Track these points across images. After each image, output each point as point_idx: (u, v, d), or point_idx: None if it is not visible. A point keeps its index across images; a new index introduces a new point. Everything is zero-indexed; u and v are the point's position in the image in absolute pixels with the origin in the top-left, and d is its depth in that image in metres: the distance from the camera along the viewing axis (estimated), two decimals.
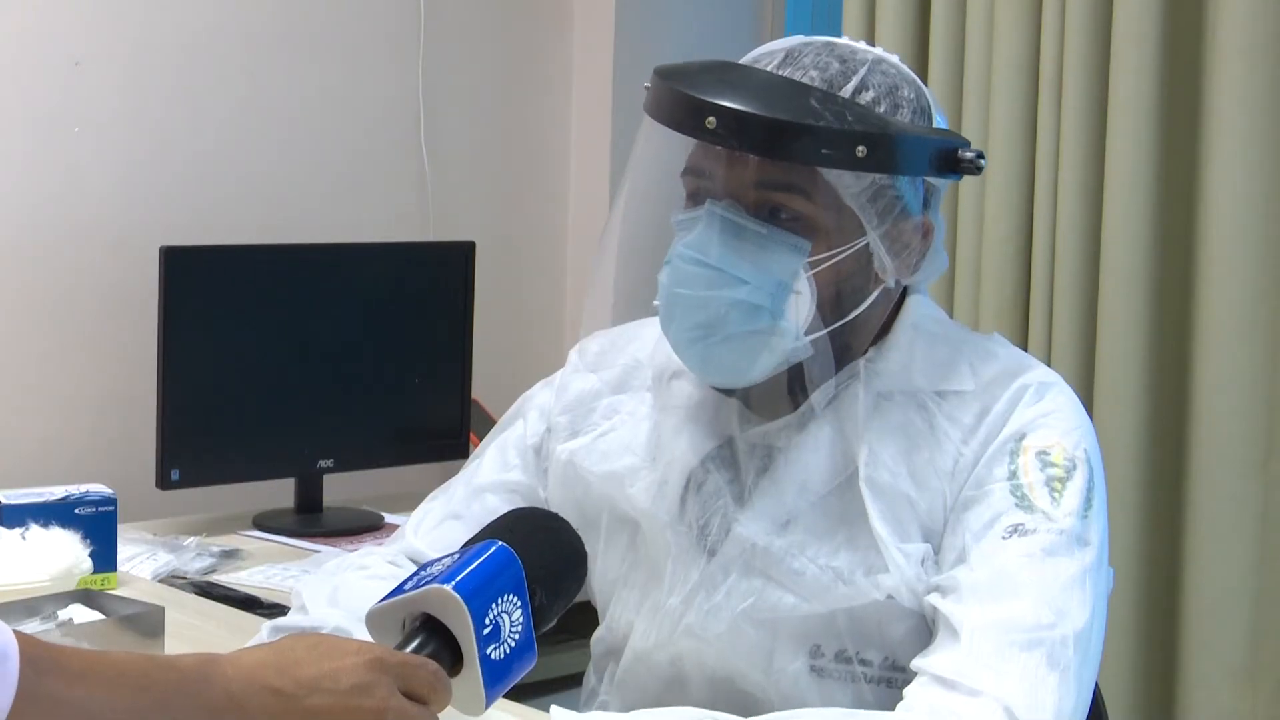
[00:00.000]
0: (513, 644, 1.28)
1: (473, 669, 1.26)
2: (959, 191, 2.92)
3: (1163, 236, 2.68)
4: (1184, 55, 2.66)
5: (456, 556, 1.30)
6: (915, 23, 3.00)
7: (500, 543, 1.31)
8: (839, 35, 1.71)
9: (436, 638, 1.26)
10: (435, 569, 1.29)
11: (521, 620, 1.29)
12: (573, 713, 1.49)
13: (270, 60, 3.01)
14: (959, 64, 2.93)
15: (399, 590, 1.28)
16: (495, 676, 1.27)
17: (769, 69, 1.58)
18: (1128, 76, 2.66)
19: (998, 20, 2.84)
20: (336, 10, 3.08)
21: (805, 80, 1.55)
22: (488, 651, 1.26)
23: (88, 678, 1.16)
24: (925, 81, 2.95)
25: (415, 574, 1.30)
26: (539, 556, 1.34)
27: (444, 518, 1.77)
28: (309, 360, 2.84)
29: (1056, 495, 1.52)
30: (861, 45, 1.62)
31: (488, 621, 1.26)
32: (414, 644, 1.26)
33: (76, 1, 2.79)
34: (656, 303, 1.58)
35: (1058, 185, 2.76)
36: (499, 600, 1.27)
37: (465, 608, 1.25)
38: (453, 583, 1.25)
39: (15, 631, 1.13)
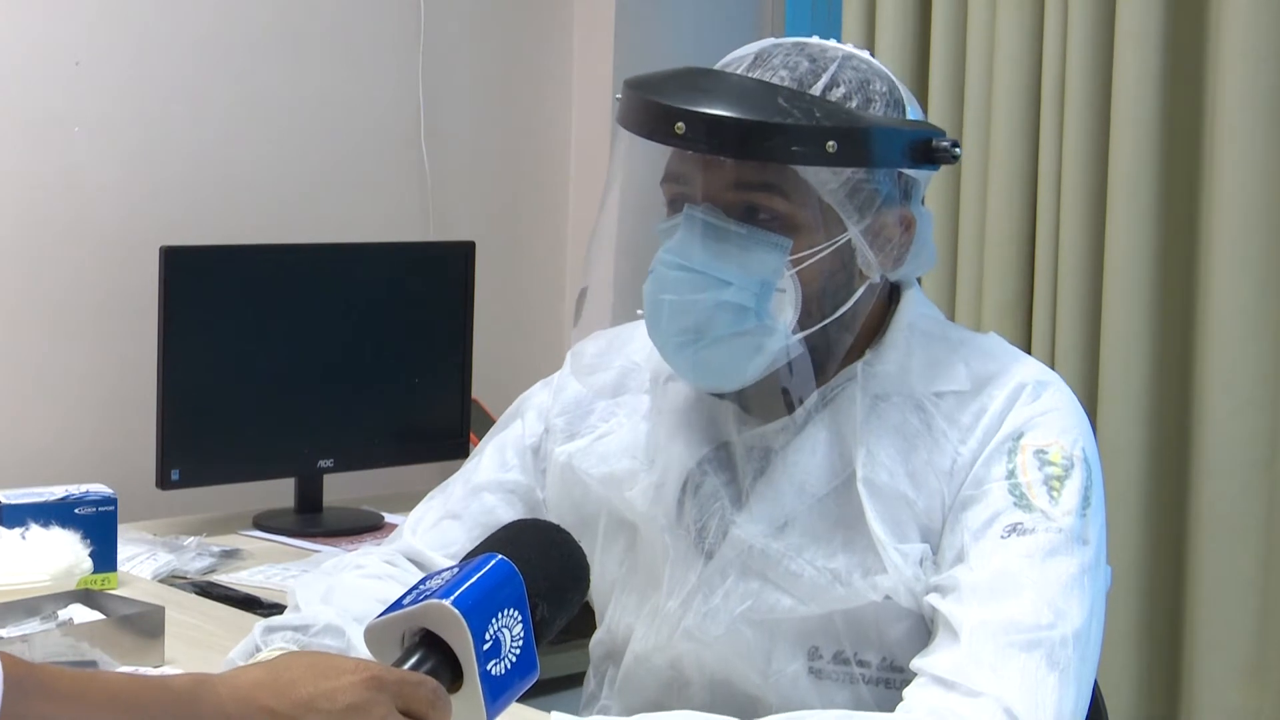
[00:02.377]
0: (514, 659, 1.25)
1: (473, 686, 1.23)
2: (961, 192, 2.92)
3: (1166, 236, 2.68)
4: (1186, 55, 2.66)
5: (456, 570, 1.27)
6: (916, 24, 3.00)
7: (500, 556, 1.28)
8: (839, 37, 1.71)
9: (436, 654, 1.24)
10: (434, 583, 1.26)
11: (522, 635, 1.26)
12: (573, 718, 1.49)
13: (270, 60, 3.01)
14: (960, 64, 2.93)
15: (397, 605, 1.26)
16: (496, 693, 1.24)
17: (739, 73, 1.58)
18: (1130, 76, 2.66)
19: (999, 21, 2.84)
20: (336, 10, 3.08)
21: (775, 80, 1.55)
22: (488, 667, 1.23)
23: (75, 700, 1.14)
24: (925, 83, 2.98)
25: (414, 588, 1.27)
26: (541, 569, 1.31)
27: (442, 517, 1.77)
28: (309, 360, 2.84)
29: (1055, 494, 1.52)
30: (832, 43, 1.62)
31: (488, 637, 1.23)
32: (412, 660, 1.24)
33: (76, 1, 2.79)
34: (642, 312, 1.57)
35: (1060, 185, 2.77)
36: (499, 615, 1.25)
37: (465, 623, 1.22)
38: (452, 597, 1.23)
39: (1, 653, 1.11)
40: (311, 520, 2.85)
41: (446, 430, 3.00)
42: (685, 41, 3.35)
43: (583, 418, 1.73)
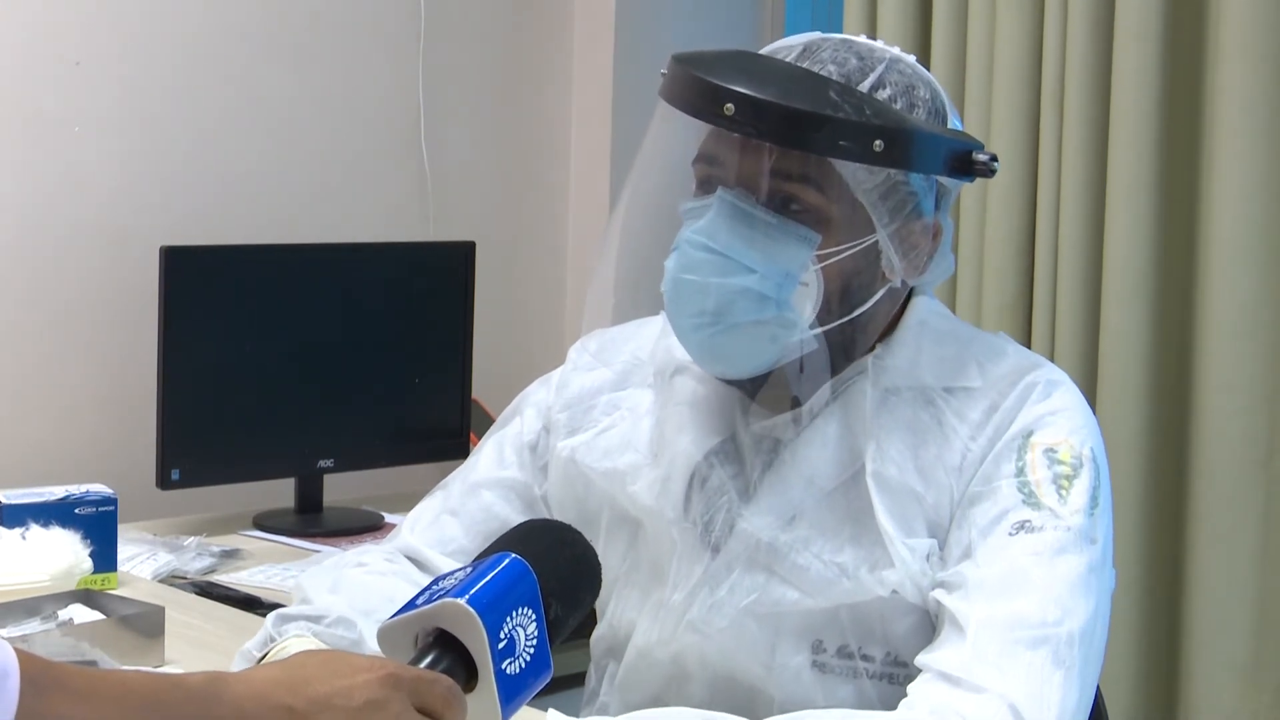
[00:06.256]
0: (528, 658, 1.25)
1: (488, 684, 1.23)
2: (961, 191, 2.91)
3: (1165, 235, 2.68)
4: (1186, 54, 2.66)
5: (469, 570, 1.27)
6: (916, 22, 3.00)
7: (514, 555, 1.28)
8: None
9: (450, 653, 1.23)
10: (448, 583, 1.26)
11: (537, 634, 1.26)
12: (569, 718, 1.48)
13: (270, 60, 3.01)
14: (960, 64, 2.93)
15: (410, 605, 1.26)
16: (511, 692, 1.24)
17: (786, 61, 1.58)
18: (1130, 75, 2.66)
19: (999, 20, 2.84)
20: (336, 10, 3.08)
21: (823, 74, 1.55)
22: (503, 666, 1.23)
23: (91, 697, 1.13)
24: None
25: (427, 588, 1.27)
26: (554, 569, 1.31)
27: (440, 514, 1.76)
28: (309, 360, 2.84)
29: (1063, 493, 1.52)
30: (879, 44, 1.62)
31: (503, 636, 1.23)
32: (428, 659, 1.23)
33: (76, 1, 2.78)
34: (663, 289, 1.57)
35: (1060, 184, 2.77)
36: (514, 614, 1.24)
37: (480, 622, 1.22)
38: (466, 596, 1.22)
39: (16, 649, 1.10)
40: (311, 520, 2.85)
41: (446, 430, 3.00)
42: (685, 41, 3.33)
43: (585, 413, 1.73)
